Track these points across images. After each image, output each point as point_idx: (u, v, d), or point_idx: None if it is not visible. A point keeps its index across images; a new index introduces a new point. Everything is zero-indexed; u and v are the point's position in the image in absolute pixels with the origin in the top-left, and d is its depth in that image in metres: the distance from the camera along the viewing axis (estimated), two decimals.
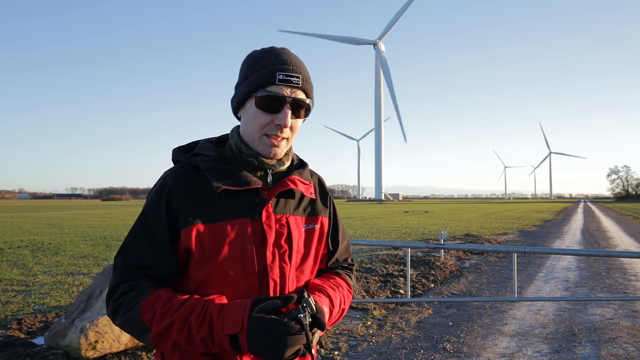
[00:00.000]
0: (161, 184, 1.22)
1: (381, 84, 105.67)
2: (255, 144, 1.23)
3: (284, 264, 1.22)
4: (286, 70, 1.19)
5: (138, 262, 1.17)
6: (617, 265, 9.58)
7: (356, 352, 4.47)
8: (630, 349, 4.53)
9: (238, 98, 1.25)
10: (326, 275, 1.36)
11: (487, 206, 63.19)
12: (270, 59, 1.20)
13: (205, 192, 1.19)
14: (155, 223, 1.18)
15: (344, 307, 1.32)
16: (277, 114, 1.19)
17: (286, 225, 1.24)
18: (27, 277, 8.15)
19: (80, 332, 3.97)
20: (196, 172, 1.22)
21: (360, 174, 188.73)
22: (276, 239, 1.22)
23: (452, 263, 9.59)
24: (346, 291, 1.35)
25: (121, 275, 1.17)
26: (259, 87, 1.19)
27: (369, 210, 44.35)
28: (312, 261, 1.32)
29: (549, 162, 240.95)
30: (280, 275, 1.21)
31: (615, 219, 29.13)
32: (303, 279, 1.28)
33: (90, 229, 19.30)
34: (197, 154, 1.26)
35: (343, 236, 1.43)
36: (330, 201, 1.42)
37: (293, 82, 1.19)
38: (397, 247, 11.25)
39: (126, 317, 1.12)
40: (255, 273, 1.19)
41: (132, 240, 1.19)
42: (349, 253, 1.46)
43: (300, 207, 1.30)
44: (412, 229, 19.74)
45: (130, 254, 1.18)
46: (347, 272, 1.43)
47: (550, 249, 10.67)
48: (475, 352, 4.45)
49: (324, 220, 1.35)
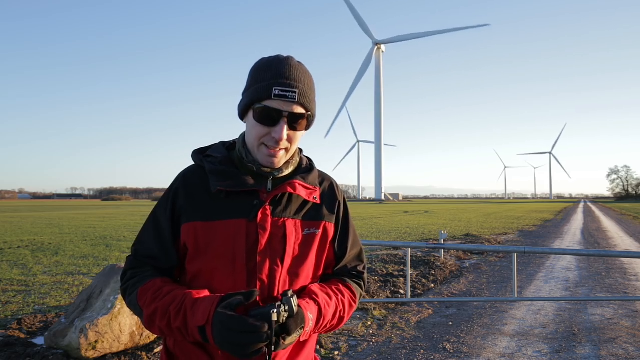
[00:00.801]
0: (173, 182, 1.33)
1: (381, 84, 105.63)
2: (255, 152, 1.27)
3: (275, 265, 1.24)
4: (283, 85, 1.21)
5: (145, 252, 1.29)
6: (617, 265, 9.57)
7: (356, 352, 4.47)
8: (630, 349, 4.53)
9: (241, 107, 1.29)
10: (331, 281, 1.37)
11: (487, 206, 63.15)
12: (270, 72, 1.23)
13: (208, 192, 1.27)
14: (162, 218, 1.29)
15: (343, 315, 1.31)
16: (274, 127, 1.22)
17: (282, 227, 1.26)
18: (27, 277, 8.15)
19: (80, 332, 3.97)
20: (203, 173, 1.30)
21: (360, 174, 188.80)
22: (270, 241, 1.24)
23: (452, 263, 9.59)
24: (348, 299, 1.33)
25: (131, 262, 1.31)
26: (257, 100, 1.22)
27: (369, 210, 44.32)
28: (310, 266, 1.32)
29: (549, 162, 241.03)
30: (270, 276, 1.23)
31: (615, 219, 29.12)
32: (299, 283, 1.29)
33: (90, 229, 19.30)
34: (208, 155, 1.32)
35: (354, 243, 1.42)
36: (340, 207, 1.41)
37: (289, 97, 1.21)
38: (397, 247, 11.25)
39: (129, 299, 1.25)
40: (244, 271, 1.22)
41: (143, 232, 1.33)
42: (361, 261, 1.44)
43: (302, 211, 1.31)
44: (412, 229, 19.74)
45: (140, 244, 1.32)
46: (355, 281, 1.41)
47: (550, 249, 10.66)
48: (475, 352, 4.45)
49: (328, 225, 1.35)
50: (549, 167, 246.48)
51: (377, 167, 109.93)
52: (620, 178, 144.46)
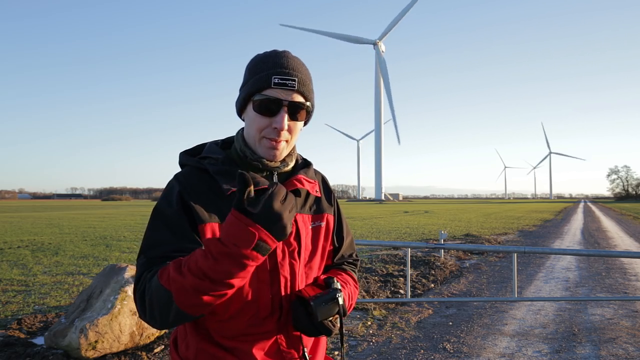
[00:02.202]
0: (171, 187, 1.23)
1: (381, 84, 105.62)
2: (257, 146, 1.26)
3: (294, 261, 1.25)
4: (282, 73, 1.20)
5: (159, 252, 1.14)
6: (617, 265, 9.57)
7: (356, 352, 4.47)
8: (630, 349, 4.53)
9: (239, 102, 1.28)
10: (333, 271, 1.40)
11: (487, 206, 63.15)
12: (268, 62, 1.23)
13: (215, 193, 1.23)
14: (171, 215, 1.17)
15: (352, 303, 1.36)
16: (274, 117, 1.21)
17: (294, 223, 1.27)
18: (27, 277, 8.15)
19: (80, 332, 3.96)
20: (205, 175, 1.26)
21: (360, 174, 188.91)
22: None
23: (452, 263, 9.59)
24: (353, 287, 1.39)
25: (145, 265, 1.14)
26: (256, 91, 1.21)
27: (369, 210, 44.31)
28: (319, 258, 1.35)
29: (549, 162, 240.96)
30: (291, 272, 1.25)
31: (615, 219, 29.11)
32: (312, 275, 1.32)
33: (90, 229, 19.29)
34: (204, 157, 1.28)
35: (347, 232, 1.48)
36: (334, 199, 1.46)
37: (289, 85, 1.21)
38: (397, 247, 11.25)
39: (150, 293, 1.07)
40: (267, 270, 1.21)
41: (151, 236, 1.18)
42: (354, 248, 1.51)
43: (306, 205, 1.34)
44: (412, 229, 19.73)
45: (149, 249, 1.16)
46: (352, 268, 1.47)
47: (550, 249, 10.66)
48: (475, 352, 4.45)
49: (329, 217, 1.39)
50: (549, 167, 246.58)
51: (377, 167, 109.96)
52: (620, 178, 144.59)
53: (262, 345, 1.21)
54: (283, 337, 1.24)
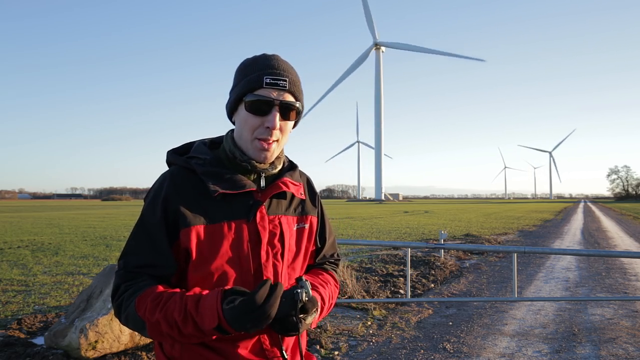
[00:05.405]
0: (158, 186, 1.27)
1: (381, 84, 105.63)
2: (248, 147, 1.27)
3: (277, 262, 1.29)
4: (273, 74, 1.23)
5: (138, 262, 1.21)
6: (617, 265, 9.58)
7: (356, 352, 4.47)
8: (630, 349, 4.53)
9: (230, 103, 1.30)
10: (314, 271, 1.44)
11: (487, 206, 63.17)
12: (258, 64, 1.26)
13: (202, 194, 1.25)
14: (153, 224, 1.22)
15: (332, 302, 1.39)
16: (266, 117, 1.24)
17: (279, 225, 1.30)
18: (27, 277, 8.15)
19: (80, 332, 3.97)
20: (192, 175, 1.27)
21: (360, 174, 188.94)
22: (269, 239, 1.28)
23: (452, 263, 9.59)
24: (333, 286, 1.42)
25: (122, 276, 1.21)
26: (247, 92, 1.24)
27: (369, 210, 44.32)
28: (302, 258, 1.38)
29: (549, 162, 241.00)
30: (274, 273, 1.28)
31: (615, 219, 29.12)
32: (294, 276, 1.35)
33: (90, 229, 19.30)
34: (192, 157, 1.30)
35: (329, 233, 1.50)
36: (318, 200, 1.49)
37: (280, 85, 1.24)
38: (397, 247, 11.26)
39: (126, 313, 1.17)
40: (250, 272, 1.25)
41: (132, 242, 1.24)
42: (335, 249, 1.54)
43: (291, 207, 1.36)
44: (412, 229, 19.74)
45: (130, 255, 1.23)
46: (333, 267, 1.51)
47: (550, 249, 10.67)
48: (475, 352, 4.45)
49: (312, 219, 1.42)
50: (549, 167, 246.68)
51: (377, 167, 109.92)
52: (620, 178, 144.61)
53: (246, 344, 1.24)
54: (266, 336, 1.27)
